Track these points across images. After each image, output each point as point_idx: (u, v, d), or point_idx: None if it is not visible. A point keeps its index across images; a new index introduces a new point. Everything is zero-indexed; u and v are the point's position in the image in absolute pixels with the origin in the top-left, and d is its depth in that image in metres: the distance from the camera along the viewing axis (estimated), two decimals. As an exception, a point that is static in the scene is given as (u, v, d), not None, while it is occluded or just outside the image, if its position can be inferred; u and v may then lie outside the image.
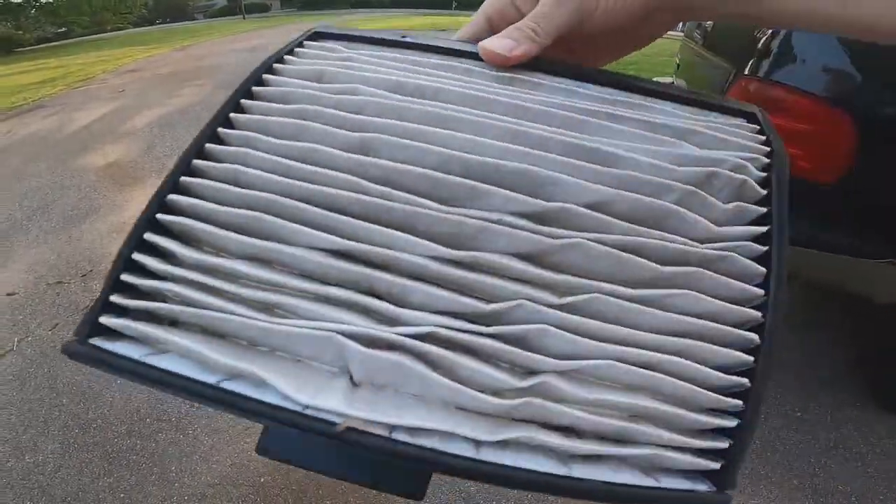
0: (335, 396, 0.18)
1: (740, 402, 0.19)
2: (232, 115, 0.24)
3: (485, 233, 0.20)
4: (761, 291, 0.21)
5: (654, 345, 0.20)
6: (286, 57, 0.27)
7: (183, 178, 0.22)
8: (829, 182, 1.09)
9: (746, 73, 1.23)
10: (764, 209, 0.22)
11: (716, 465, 0.19)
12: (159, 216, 0.21)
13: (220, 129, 0.24)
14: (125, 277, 0.20)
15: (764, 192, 0.22)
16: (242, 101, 0.25)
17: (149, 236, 0.21)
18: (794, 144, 1.10)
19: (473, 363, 0.19)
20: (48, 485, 1.40)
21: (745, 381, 0.19)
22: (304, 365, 0.20)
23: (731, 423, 0.19)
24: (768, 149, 0.24)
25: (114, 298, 0.20)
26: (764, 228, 0.21)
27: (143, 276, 0.20)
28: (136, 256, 0.20)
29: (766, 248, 0.21)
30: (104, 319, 0.20)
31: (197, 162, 0.23)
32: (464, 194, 0.21)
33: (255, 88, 0.25)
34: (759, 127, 0.25)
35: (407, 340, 0.19)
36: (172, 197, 0.22)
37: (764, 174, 0.23)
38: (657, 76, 2.94)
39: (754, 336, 0.20)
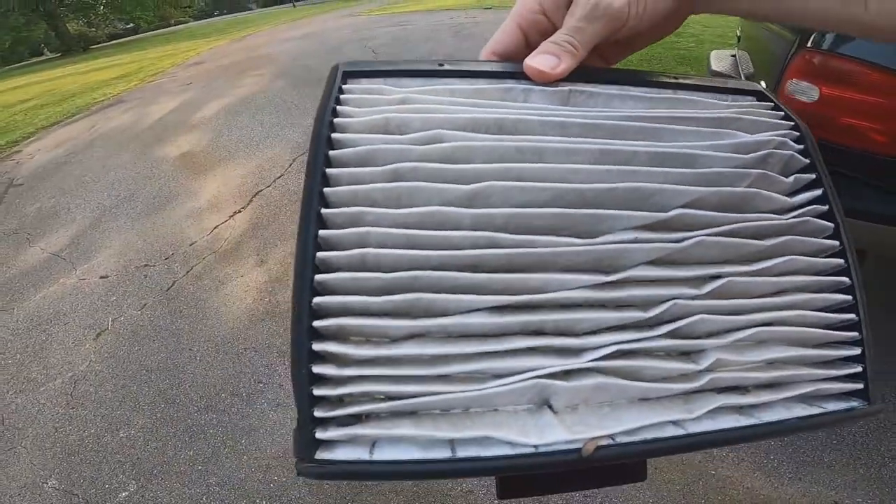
0: (554, 430, 0.20)
1: (856, 334, 0.24)
2: (325, 189, 0.23)
3: (625, 254, 0.22)
4: (836, 242, 0.25)
5: (777, 305, 0.24)
6: (339, 108, 0.25)
7: (317, 277, 0.21)
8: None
9: (809, 45, 1.18)
10: (813, 175, 0.26)
11: (860, 385, 0.24)
12: (315, 324, 0.21)
13: (323, 211, 0.22)
14: (316, 391, 0.20)
15: (806, 160, 0.27)
16: (327, 170, 0.23)
17: (317, 347, 0.20)
18: (868, 118, 1.09)
19: (656, 363, 0.22)
20: (138, 458, 1.55)
21: (853, 315, 0.25)
22: (503, 413, 0.21)
23: (857, 350, 0.24)
24: (792, 122, 0.27)
25: (317, 413, 0.20)
26: (819, 191, 0.26)
27: (327, 385, 0.21)
28: (316, 369, 0.20)
29: (826, 207, 0.26)
30: (320, 434, 0.20)
31: (321, 255, 0.21)
32: (589, 222, 0.23)
33: (331, 153, 0.23)
34: (772, 103, 0.29)
35: (598, 363, 0.21)
36: (318, 300, 0.21)
37: (800, 146, 0.27)
38: (719, 48, 2.77)
39: (845, 279, 0.25)
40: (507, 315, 0.22)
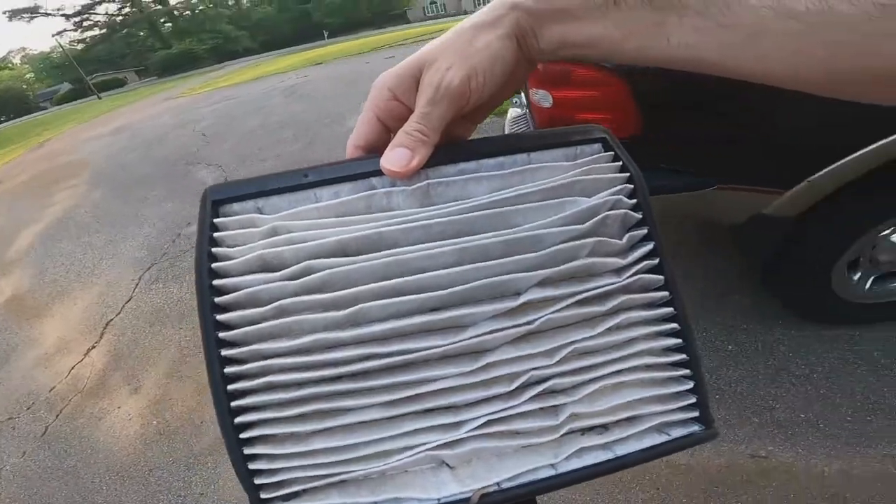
0: (449, 486, 0.27)
1: (688, 371, 0.30)
2: (222, 334, 0.26)
3: (486, 343, 0.27)
4: (666, 293, 0.29)
5: (622, 356, 0.29)
6: (214, 251, 0.27)
7: (233, 404, 0.26)
8: (630, 136, 1.17)
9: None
10: (644, 230, 0.29)
11: (695, 413, 0.29)
12: (241, 435, 0.26)
13: (222, 352, 0.26)
14: (257, 481, 0.26)
15: (638, 215, 0.29)
16: (217, 316, 0.26)
17: (248, 450, 0.26)
18: (592, 111, 1.21)
19: (521, 424, 0.28)
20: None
21: (684, 355, 0.29)
22: (411, 472, 0.28)
23: (689, 385, 0.29)
24: (627, 174, 0.30)
25: (262, 495, 0.26)
26: (650, 245, 0.29)
27: (265, 476, 0.26)
28: (252, 466, 0.26)
29: (657, 261, 0.29)
30: None
31: (231, 387, 0.26)
32: (452, 322, 0.27)
33: (217, 299, 0.26)
34: (613, 153, 0.31)
35: (474, 433, 0.27)
36: (239, 420, 0.26)
37: (633, 200, 0.30)
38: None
39: (675, 325, 0.29)
40: (397, 407, 0.27)
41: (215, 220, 0.27)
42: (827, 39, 0.20)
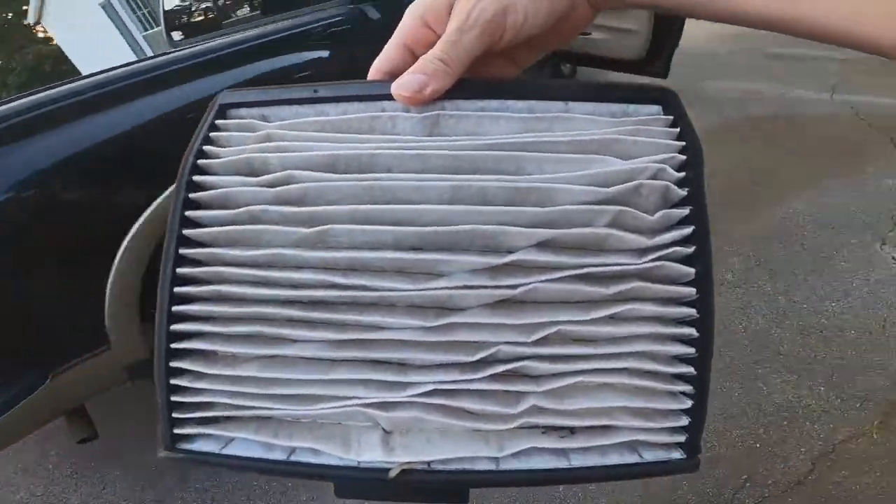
0: (374, 451, 0.24)
1: (690, 387, 0.24)
2: (186, 231, 0.25)
3: (454, 299, 0.23)
4: (692, 290, 0.23)
5: (614, 354, 0.24)
6: (205, 148, 0.26)
7: (177, 308, 0.25)
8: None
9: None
10: (686, 210, 0.24)
11: (681, 438, 0.24)
12: (173, 345, 0.25)
13: (183, 251, 0.25)
14: (174, 398, 0.25)
15: (684, 192, 0.24)
16: (188, 213, 0.25)
17: (174, 363, 0.25)
18: None
19: (472, 404, 0.24)
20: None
21: (691, 368, 0.24)
22: (342, 426, 0.25)
23: (686, 404, 0.24)
24: (682, 143, 0.24)
25: (175, 415, 0.25)
26: (688, 230, 0.23)
27: (185, 394, 0.25)
28: (174, 381, 0.25)
29: (692, 249, 0.23)
30: (178, 430, 0.26)
31: (178, 290, 0.25)
32: (427, 266, 0.23)
33: (192, 195, 0.25)
34: (672, 118, 0.25)
35: (417, 399, 0.24)
36: (176, 327, 0.25)
37: (682, 174, 0.24)
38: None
39: (692, 330, 0.24)
40: (343, 349, 0.24)
41: (216, 122, 0.27)
42: None
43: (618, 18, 2.21)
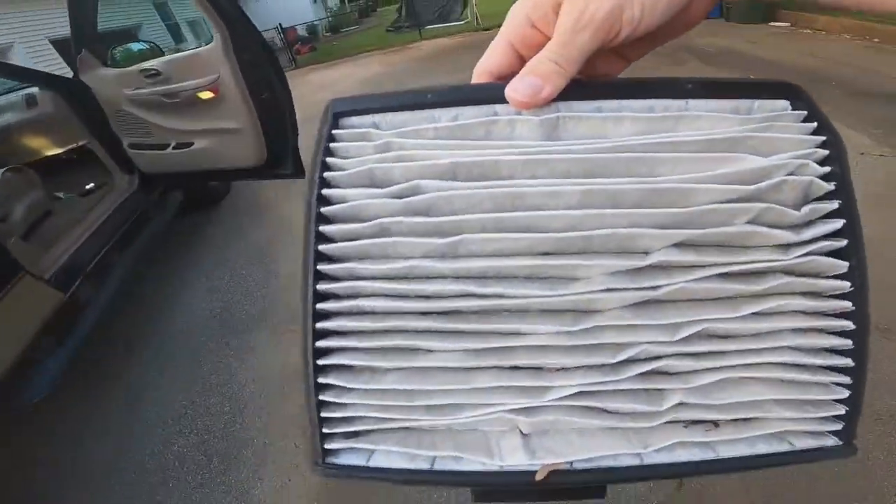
0: (517, 454, 0.24)
1: (846, 378, 0.23)
2: (321, 247, 0.25)
3: (594, 302, 0.23)
4: (847, 283, 0.22)
5: (763, 349, 0.23)
6: (328, 160, 0.26)
7: (320, 325, 0.25)
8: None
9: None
10: (834, 204, 0.22)
11: (837, 426, 0.23)
12: (320, 361, 0.25)
13: (320, 267, 0.25)
14: (323, 414, 0.25)
15: (830, 186, 0.23)
16: (321, 228, 0.25)
17: (322, 380, 0.25)
18: None
19: (616, 404, 0.23)
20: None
21: (849, 360, 0.22)
22: (480, 433, 0.25)
23: (843, 394, 0.23)
24: (822, 138, 0.23)
25: (325, 430, 0.25)
26: (839, 223, 0.22)
27: (332, 409, 0.25)
28: (322, 397, 0.25)
29: (844, 243, 0.22)
30: (327, 445, 0.26)
31: (321, 306, 0.25)
32: (563, 272, 0.23)
33: (324, 210, 0.25)
34: (805, 112, 0.24)
35: (559, 402, 0.23)
36: (320, 343, 0.25)
37: (826, 168, 0.23)
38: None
39: (848, 323, 0.23)
40: (482, 357, 0.24)
41: (333, 132, 0.27)
42: None
43: (212, 117, 2.00)
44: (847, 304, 0.22)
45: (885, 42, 4.42)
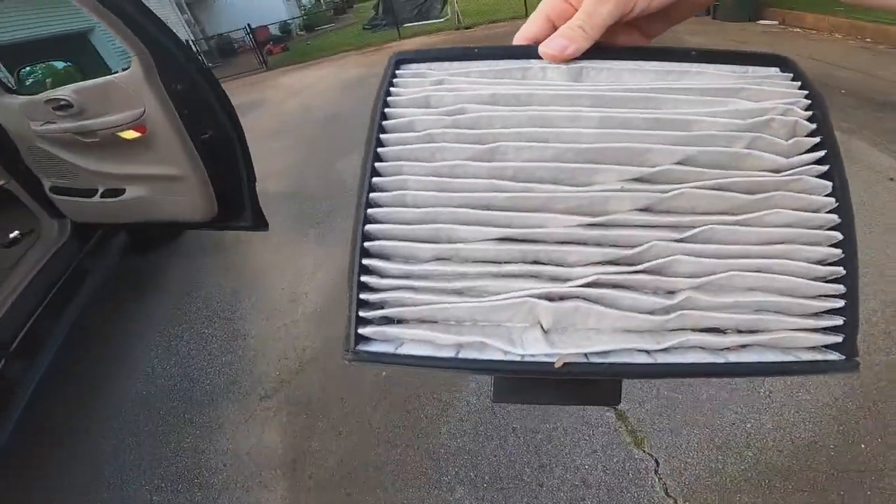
0: (538, 345, 0.25)
1: (841, 286, 0.25)
2: (378, 149, 0.30)
3: (611, 199, 0.26)
4: (832, 199, 0.26)
5: (762, 253, 0.26)
6: (391, 89, 0.32)
7: (369, 211, 0.28)
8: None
9: None
10: (817, 138, 0.27)
11: (838, 338, 0.25)
12: (366, 244, 0.28)
13: (376, 164, 0.29)
14: (361, 295, 0.27)
15: (813, 125, 0.27)
16: (381, 135, 0.30)
17: (365, 261, 0.28)
18: None
19: (631, 294, 0.26)
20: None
21: (841, 269, 0.25)
22: (503, 328, 0.27)
23: (839, 303, 0.25)
24: (806, 91, 0.28)
25: (360, 314, 0.27)
26: (821, 153, 0.27)
27: (370, 291, 0.28)
28: (363, 279, 0.27)
29: (827, 167, 0.27)
30: (361, 331, 0.27)
31: (372, 195, 0.29)
32: (584, 175, 0.27)
33: (384, 122, 0.30)
34: (792, 74, 0.29)
35: (579, 290, 0.26)
36: (368, 227, 0.28)
37: (809, 112, 0.28)
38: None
39: (836, 234, 0.26)
40: (510, 245, 0.27)
41: (396, 72, 0.33)
42: None
43: (142, 162, 1.62)
44: (834, 217, 0.26)
45: (877, 41, 4.28)
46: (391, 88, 0.31)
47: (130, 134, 1.54)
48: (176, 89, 1.48)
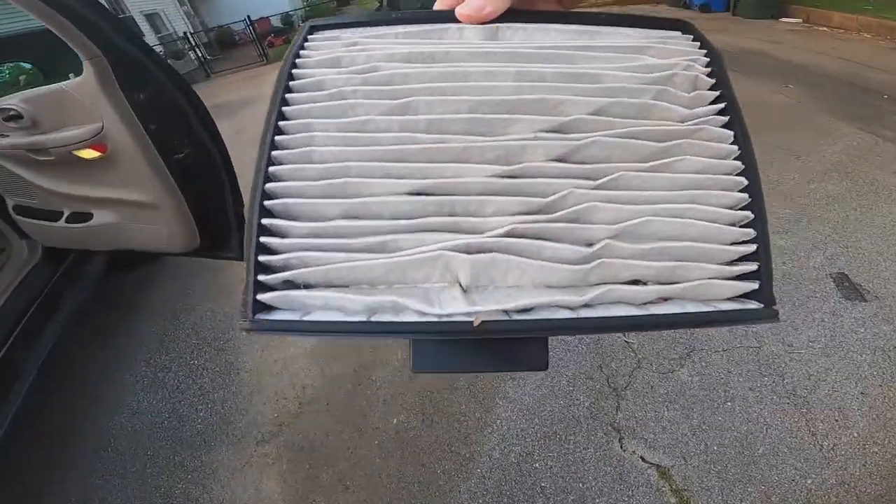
0: (457, 303, 0.24)
1: (752, 231, 0.25)
2: (284, 108, 0.28)
3: (526, 148, 0.26)
4: (735, 147, 0.27)
5: (675, 198, 0.26)
6: (301, 52, 0.31)
7: (270, 168, 0.26)
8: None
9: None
10: (717, 92, 0.29)
11: (754, 285, 0.25)
12: (265, 202, 0.26)
13: (280, 123, 0.28)
14: (261, 258, 0.25)
15: (713, 80, 0.29)
16: (286, 95, 0.29)
17: (265, 221, 0.25)
18: None
19: (550, 244, 0.25)
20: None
21: (749, 213, 0.26)
22: (420, 288, 0.25)
23: (752, 247, 0.25)
24: (705, 50, 0.30)
25: (260, 278, 0.25)
26: (722, 105, 0.28)
27: (271, 254, 0.25)
28: (263, 239, 0.25)
29: (727, 118, 0.28)
30: (260, 297, 0.24)
31: (275, 153, 0.27)
32: (499, 126, 0.27)
33: (291, 83, 0.29)
34: (692, 36, 0.32)
35: (495, 240, 0.25)
36: (269, 185, 0.26)
37: (709, 69, 0.30)
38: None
39: (742, 179, 0.27)
40: (425, 198, 0.26)
41: (309, 36, 0.32)
42: None
43: (107, 184, 1.38)
44: (738, 164, 0.27)
45: (911, 42, 4.02)
46: (301, 51, 0.31)
47: (89, 153, 1.31)
48: (139, 99, 1.25)
